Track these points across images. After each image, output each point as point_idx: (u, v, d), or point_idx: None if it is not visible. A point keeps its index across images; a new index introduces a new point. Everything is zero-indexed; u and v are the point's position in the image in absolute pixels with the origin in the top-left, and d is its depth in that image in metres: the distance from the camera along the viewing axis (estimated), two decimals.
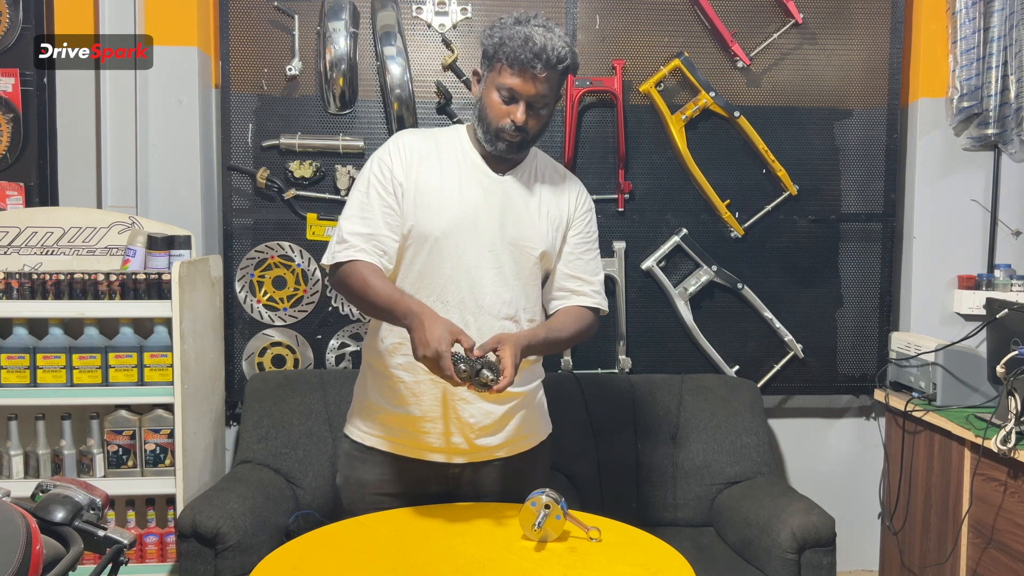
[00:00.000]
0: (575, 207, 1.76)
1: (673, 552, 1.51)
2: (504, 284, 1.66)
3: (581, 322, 1.73)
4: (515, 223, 1.67)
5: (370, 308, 1.62)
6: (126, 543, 1.00)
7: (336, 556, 1.48)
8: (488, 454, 1.71)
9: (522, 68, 1.57)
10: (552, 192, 1.74)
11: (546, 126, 1.68)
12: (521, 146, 1.66)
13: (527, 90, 1.59)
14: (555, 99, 1.65)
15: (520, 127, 1.61)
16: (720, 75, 2.74)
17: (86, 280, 2.34)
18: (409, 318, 1.52)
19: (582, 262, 1.76)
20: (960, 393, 2.44)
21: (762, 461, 2.56)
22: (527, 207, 1.70)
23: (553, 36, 1.58)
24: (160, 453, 2.41)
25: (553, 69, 1.58)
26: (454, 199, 1.65)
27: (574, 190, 1.78)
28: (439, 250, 1.63)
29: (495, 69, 1.61)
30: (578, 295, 1.75)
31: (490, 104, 1.62)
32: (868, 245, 2.82)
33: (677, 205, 2.76)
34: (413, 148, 1.68)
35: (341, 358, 2.73)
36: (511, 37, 1.57)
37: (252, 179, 2.66)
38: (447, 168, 1.67)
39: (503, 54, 1.58)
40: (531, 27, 1.58)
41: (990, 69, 2.67)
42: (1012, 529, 2.10)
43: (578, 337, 1.73)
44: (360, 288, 1.60)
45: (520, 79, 1.58)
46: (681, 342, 2.79)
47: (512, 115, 1.60)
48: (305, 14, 2.64)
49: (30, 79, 2.52)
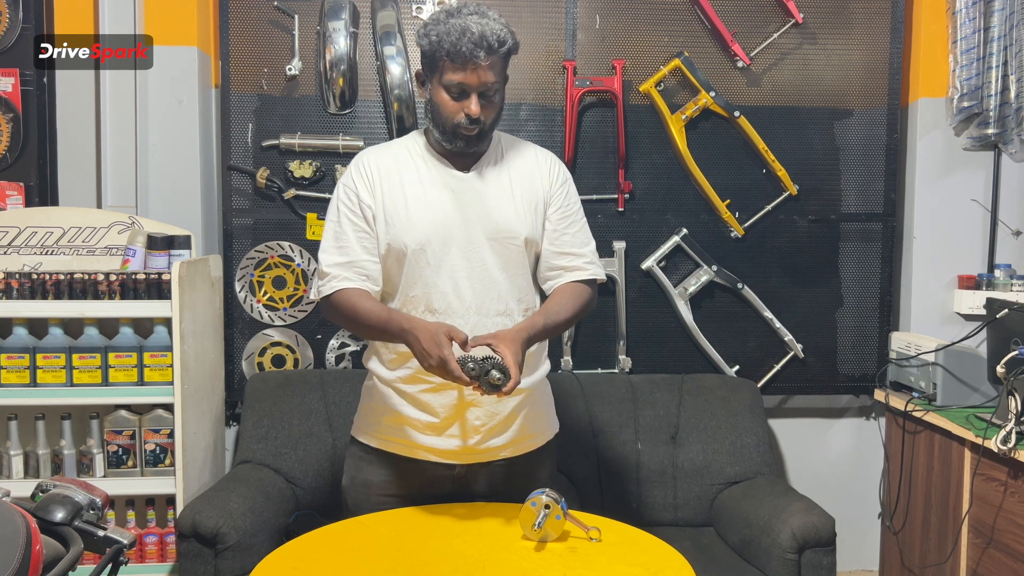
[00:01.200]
0: (550, 183, 1.73)
1: (673, 552, 1.51)
2: (490, 281, 1.65)
3: (579, 298, 1.70)
4: (490, 217, 1.65)
5: (365, 331, 1.65)
6: (126, 543, 1.00)
7: (336, 556, 1.49)
8: (494, 454, 1.71)
9: (464, 61, 1.54)
10: (523, 174, 1.71)
11: (500, 112, 1.66)
12: (480, 138, 1.64)
13: (474, 81, 1.57)
14: (504, 83, 1.63)
15: (475, 120, 1.59)
16: (720, 75, 2.73)
17: (86, 280, 2.34)
18: (403, 335, 1.53)
19: (568, 236, 1.72)
20: (960, 393, 2.44)
21: (762, 461, 2.56)
22: (500, 197, 1.67)
23: (489, 21, 1.56)
24: (160, 453, 2.41)
25: (495, 54, 1.56)
26: (422, 208, 1.63)
27: (544, 165, 1.74)
28: (417, 262, 1.63)
29: (439, 68, 1.58)
30: (571, 271, 1.72)
31: (441, 103, 1.60)
32: (868, 245, 2.82)
33: (677, 205, 2.76)
34: (373, 167, 1.67)
35: (341, 358, 2.73)
36: (447, 32, 1.54)
37: (252, 179, 2.66)
38: (410, 179, 1.66)
39: (443, 51, 1.55)
40: (464, 17, 1.55)
41: (990, 69, 2.67)
42: (1012, 529, 2.10)
43: (580, 314, 1.70)
44: (351, 314, 1.62)
45: (465, 72, 1.56)
46: (681, 342, 2.79)
47: (466, 109, 1.58)
48: (305, 14, 2.64)
49: (30, 79, 2.52)
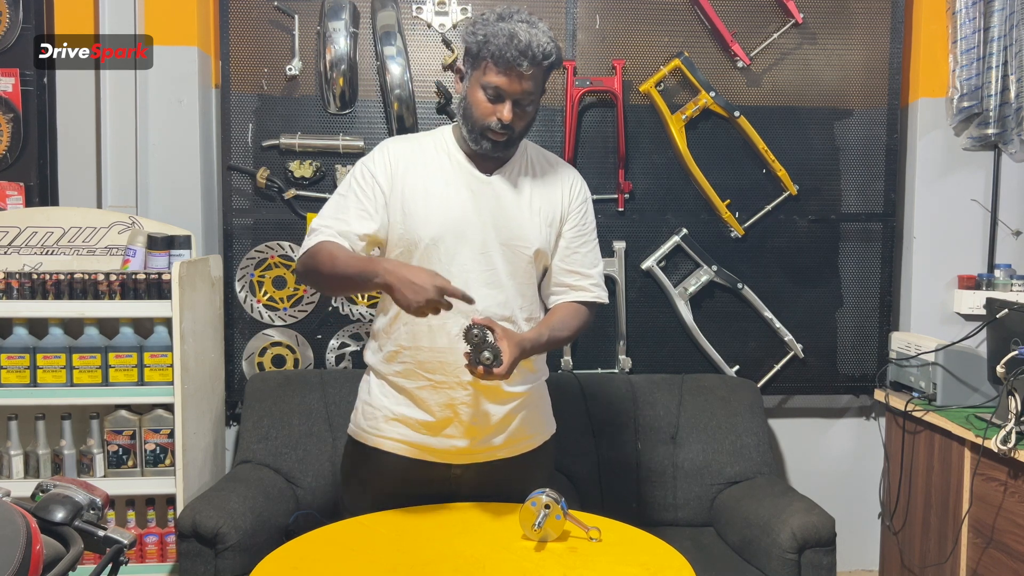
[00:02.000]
0: (569, 200, 1.73)
1: (673, 552, 1.51)
2: (498, 286, 1.65)
3: (579, 319, 1.72)
4: (506, 223, 1.65)
5: (342, 280, 1.57)
6: (126, 543, 1.00)
7: (336, 556, 1.49)
8: (490, 454, 1.71)
9: (507, 66, 1.54)
10: (544, 187, 1.71)
11: (532, 122, 1.65)
12: (507, 144, 1.63)
13: (513, 88, 1.56)
14: (540, 95, 1.63)
15: (506, 125, 1.58)
16: (720, 75, 2.73)
17: (86, 280, 2.34)
18: (383, 276, 1.47)
19: (579, 255, 1.73)
20: (960, 393, 2.44)
21: (762, 461, 2.56)
22: (518, 206, 1.67)
23: (538, 32, 1.55)
24: (160, 453, 2.41)
25: (539, 66, 1.56)
26: (441, 204, 1.63)
27: (567, 182, 1.74)
28: (428, 256, 1.62)
29: (480, 67, 1.58)
30: (576, 290, 1.74)
31: (475, 103, 1.60)
32: (868, 245, 2.82)
33: (677, 205, 2.76)
34: (399, 155, 1.66)
35: (341, 358, 2.73)
36: (495, 34, 1.53)
37: (252, 179, 2.66)
38: (433, 173, 1.65)
39: (488, 52, 1.54)
40: (515, 23, 1.54)
41: (990, 69, 2.67)
42: (1012, 529, 2.10)
43: (578, 332, 1.73)
44: (329, 263, 1.56)
45: (506, 77, 1.55)
46: (681, 342, 2.79)
47: (498, 113, 1.57)
48: (305, 14, 2.63)
49: (30, 79, 2.52)
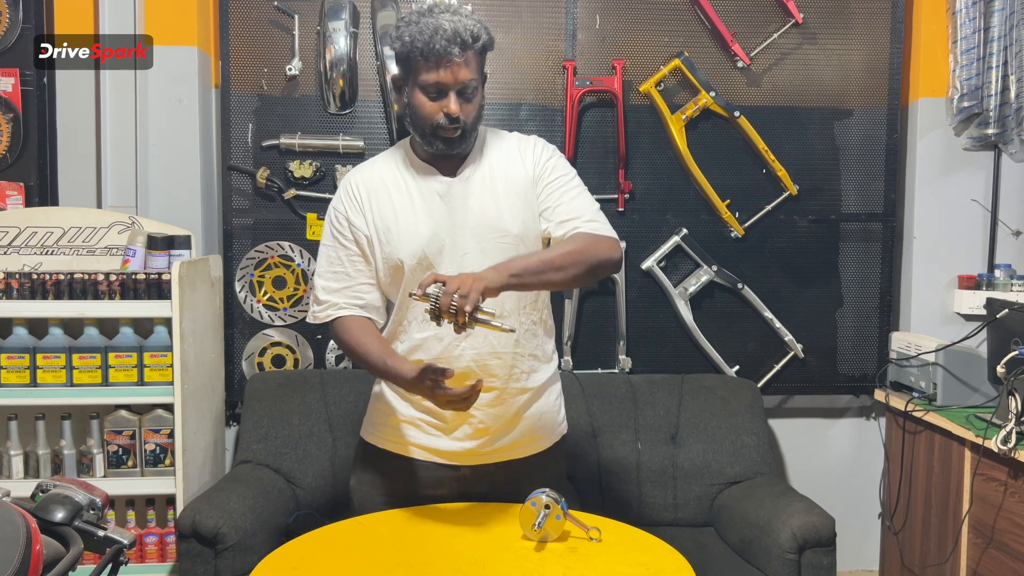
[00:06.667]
0: (532, 164, 1.66)
1: (673, 552, 1.51)
2: None
3: (575, 243, 1.59)
4: (481, 221, 1.62)
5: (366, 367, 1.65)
6: (126, 543, 1.00)
7: (336, 556, 1.49)
8: (499, 455, 1.70)
9: (439, 59, 1.51)
10: (504, 167, 1.66)
11: (481, 111, 1.61)
12: (462, 139, 1.60)
13: (451, 79, 1.53)
14: (483, 82, 1.60)
15: (455, 119, 1.56)
16: (720, 75, 2.73)
17: (86, 280, 2.34)
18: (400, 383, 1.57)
19: (563, 206, 1.64)
20: (960, 393, 2.44)
21: (762, 461, 2.56)
22: (493, 196, 1.63)
23: (461, 18, 1.53)
24: (160, 453, 2.41)
25: (471, 50, 1.53)
26: (413, 223, 1.61)
27: (521, 149, 1.68)
28: (413, 274, 1.61)
29: (414, 69, 1.55)
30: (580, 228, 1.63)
31: (419, 105, 1.57)
32: (868, 245, 2.82)
33: (677, 205, 2.76)
34: (361, 186, 1.65)
35: (341, 358, 2.73)
36: (420, 31, 1.51)
37: (252, 179, 2.66)
38: (398, 193, 1.64)
39: (416, 51, 1.52)
40: (437, 16, 1.53)
41: (990, 69, 2.67)
42: (1012, 529, 2.10)
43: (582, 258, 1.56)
44: (353, 346, 1.63)
45: (440, 70, 1.53)
46: (681, 342, 2.79)
47: (444, 108, 1.55)
48: (305, 14, 2.63)
49: (30, 79, 2.52)
